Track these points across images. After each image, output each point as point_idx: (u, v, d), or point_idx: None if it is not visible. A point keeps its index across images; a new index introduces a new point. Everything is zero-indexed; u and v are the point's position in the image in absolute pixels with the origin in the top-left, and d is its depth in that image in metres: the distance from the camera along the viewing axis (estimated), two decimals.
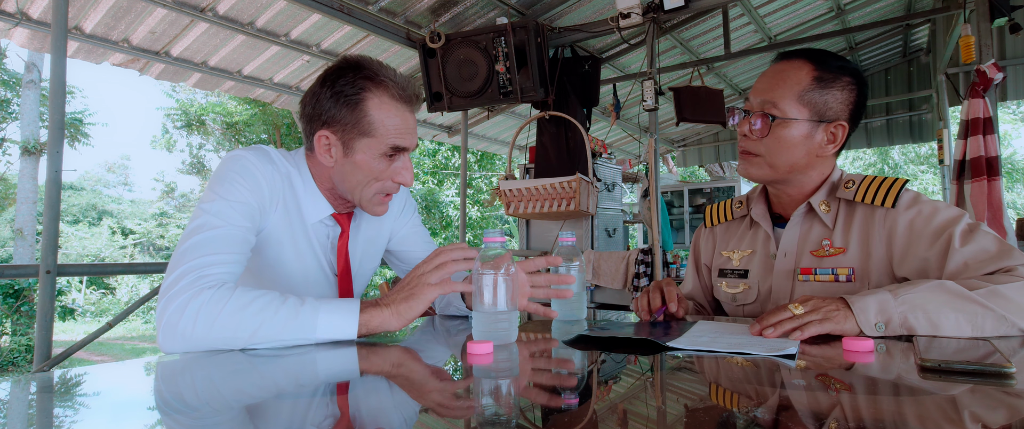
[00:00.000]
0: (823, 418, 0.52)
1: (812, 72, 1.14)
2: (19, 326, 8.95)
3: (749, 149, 1.19)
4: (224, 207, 1.02)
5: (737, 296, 1.28)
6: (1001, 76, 3.10)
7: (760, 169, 1.19)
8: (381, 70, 1.11)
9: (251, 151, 1.11)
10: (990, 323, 0.88)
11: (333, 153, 1.12)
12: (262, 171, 1.09)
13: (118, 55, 3.45)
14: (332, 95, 1.08)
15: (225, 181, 1.05)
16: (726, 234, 1.38)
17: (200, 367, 0.81)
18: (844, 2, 4.94)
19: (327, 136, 1.10)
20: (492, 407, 0.60)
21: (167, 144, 15.94)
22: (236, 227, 1.02)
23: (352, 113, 1.08)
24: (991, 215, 3.06)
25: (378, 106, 1.09)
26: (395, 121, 1.11)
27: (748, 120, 1.17)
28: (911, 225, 1.09)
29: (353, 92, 1.08)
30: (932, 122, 6.50)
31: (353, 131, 1.09)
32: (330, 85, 1.09)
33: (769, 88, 1.16)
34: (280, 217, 1.13)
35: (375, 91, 1.09)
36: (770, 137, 1.15)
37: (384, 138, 1.10)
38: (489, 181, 14.54)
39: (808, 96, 1.13)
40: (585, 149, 3.54)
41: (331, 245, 1.23)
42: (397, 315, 0.95)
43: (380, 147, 1.11)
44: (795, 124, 1.13)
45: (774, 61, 1.21)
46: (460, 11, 3.70)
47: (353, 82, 1.08)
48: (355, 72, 1.09)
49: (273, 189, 1.11)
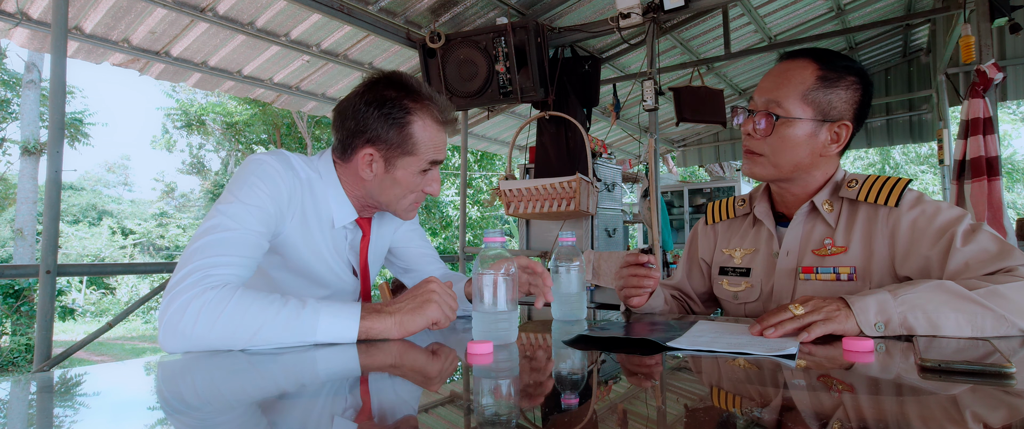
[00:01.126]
0: (824, 418, 0.52)
1: (816, 71, 1.14)
2: (19, 326, 8.95)
3: (753, 148, 1.19)
4: (240, 210, 1.03)
5: (738, 294, 1.28)
6: (1001, 76, 3.10)
7: (764, 168, 1.19)
8: (422, 90, 1.16)
9: (273, 156, 1.12)
10: (990, 323, 0.88)
11: (374, 168, 1.16)
12: (283, 176, 1.10)
13: (118, 55, 3.45)
14: (380, 115, 1.12)
15: (244, 185, 1.06)
16: (728, 231, 1.38)
17: (200, 367, 0.81)
18: (844, 2, 4.94)
19: (371, 153, 1.14)
20: (492, 407, 0.60)
21: (167, 144, 15.95)
22: (249, 231, 1.02)
23: (399, 134, 1.13)
24: (991, 215, 3.06)
25: (422, 128, 1.15)
26: (436, 141, 1.17)
27: (752, 119, 1.17)
28: (914, 224, 1.09)
29: (400, 115, 1.13)
30: (932, 122, 6.51)
31: (397, 150, 1.14)
32: (377, 105, 1.12)
33: (773, 87, 1.16)
34: (300, 222, 1.14)
35: (420, 114, 1.14)
36: (774, 136, 1.15)
37: (424, 156, 1.16)
38: (489, 181, 14.54)
39: (812, 95, 1.13)
40: (585, 149, 3.54)
41: (351, 247, 1.26)
42: (400, 325, 0.96)
43: (420, 164, 1.16)
44: (799, 123, 1.14)
45: (778, 60, 1.21)
46: (460, 11, 3.70)
47: (400, 103, 1.13)
48: (399, 93, 1.13)
49: (293, 195, 1.12)
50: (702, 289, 1.43)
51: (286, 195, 1.10)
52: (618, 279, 1.28)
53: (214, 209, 1.03)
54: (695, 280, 1.44)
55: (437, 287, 1.01)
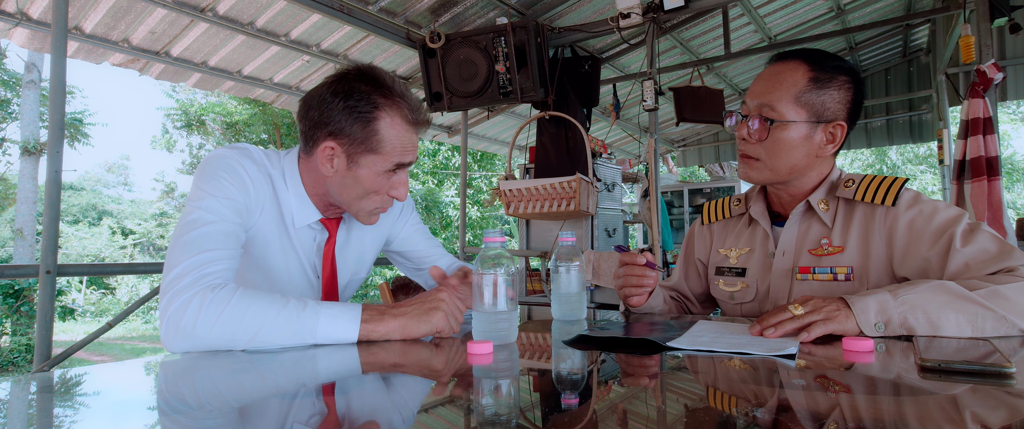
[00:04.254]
0: (823, 418, 0.52)
1: (808, 73, 1.14)
2: (19, 326, 8.95)
3: (748, 152, 1.19)
4: (215, 203, 1.02)
5: (735, 294, 1.28)
6: (1001, 76, 3.10)
7: (760, 172, 1.19)
8: (395, 86, 1.09)
9: (233, 150, 1.10)
10: (991, 324, 0.88)
11: (335, 164, 1.09)
12: (247, 169, 1.08)
13: (118, 55, 3.45)
14: (344, 107, 1.06)
15: (212, 178, 1.04)
16: (723, 231, 1.38)
17: (200, 367, 0.81)
18: (844, 2, 4.94)
19: (333, 147, 1.08)
20: (492, 407, 0.60)
21: (167, 144, 15.94)
22: (229, 223, 1.02)
23: (363, 129, 1.06)
24: (991, 215, 3.06)
25: (390, 125, 1.08)
26: (404, 141, 1.10)
27: (746, 123, 1.17)
28: (912, 224, 1.09)
29: (367, 109, 1.06)
30: (932, 122, 6.50)
31: (360, 147, 1.08)
32: (343, 97, 1.06)
33: (766, 91, 1.15)
34: (266, 218, 1.12)
35: (388, 110, 1.08)
36: (769, 140, 1.15)
37: (390, 156, 1.09)
38: (489, 181, 14.54)
39: (805, 97, 1.13)
40: (585, 149, 3.54)
41: (317, 249, 1.21)
42: (402, 330, 0.95)
43: (385, 164, 1.10)
44: (793, 126, 1.13)
45: (769, 63, 1.21)
46: (460, 11, 3.70)
47: (368, 98, 1.06)
48: (369, 86, 1.07)
49: (259, 188, 1.10)
50: (700, 290, 1.43)
51: (252, 188, 1.08)
52: (617, 279, 1.28)
53: (188, 205, 1.02)
54: (692, 281, 1.44)
55: (447, 296, 1.00)
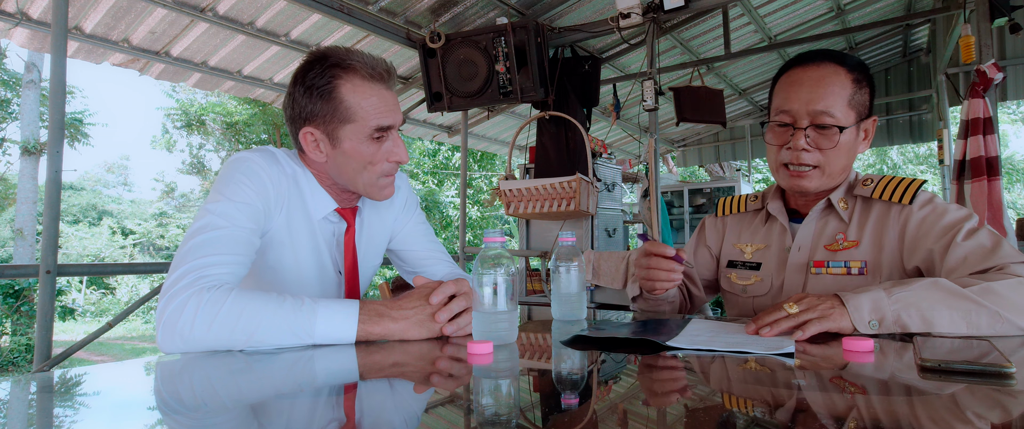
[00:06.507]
0: (823, 418, 0.53)
1: (848, 74, 1.15)
2: (19, 326, 8.95)
3: (805, 161, 1.16)
4: (229, 208, 1.02)
5: (748, 288, 1.30)
6: (1001, 76, 3.10)
7: (817, 180, 1.18)
8: (348, 55, 1.10)
9: (257, 152, 1.11)
10: (985, 321, 0.89)
11: (322, 148, 1.11)
12: (268, 172, 1.09)
13: (118, 55, 3.45)
14: (305, 91, 1.08)
15: (230, 182, 1.05)
16: (737, 225, 1.39)
17: (199, 367, 0.81)
18: (844, 2, 4.94)
19: (311, 132, 1.10)
20: (492, 407, 0.60)
21: (167, 144, 15.94)
22: (240, 228, 1.02)
23: (328, 103, 1.08)
24: (991, 215, 3.06)
25: (351, 90, 1.08)
26: (372, 101, 1.09)
27: (802, 133, 1.15)
28: (923, 221, 1.12)
29: (324, 82, 1.07)
30: (932, 122, 6.50)
31: (333, 121, 1.08)
32: (302, 83, 1.09)
33: (818, 98, 1.13)
34: (286, 218, 1.13)
35: (345, 76, 1.08)
36: (833, 147, 1.15)
37: (366, 120, 1.09)
38: (489, 181, 14.54)
39: (854, 99, 1.15)
40: (585, 149, 3.53)
41: (337, 242, 1.22)
42: (402, 333, 0.95)
43: (364, 130, 1.09)
44: (849, 130, 1.15)
45: (793, 69, 1.19)
46: (460, 11, 3.70)
47: (322, 73, 1.07)
48: (322, 63, 1.09)
49: (279, 190, 1.11)
50: (708, 276, 1.44)
51: (272, 191, 1.09)
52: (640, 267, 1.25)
53: (203, 209, 1.03)
54: (702, 267, 1.45)
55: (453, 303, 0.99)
